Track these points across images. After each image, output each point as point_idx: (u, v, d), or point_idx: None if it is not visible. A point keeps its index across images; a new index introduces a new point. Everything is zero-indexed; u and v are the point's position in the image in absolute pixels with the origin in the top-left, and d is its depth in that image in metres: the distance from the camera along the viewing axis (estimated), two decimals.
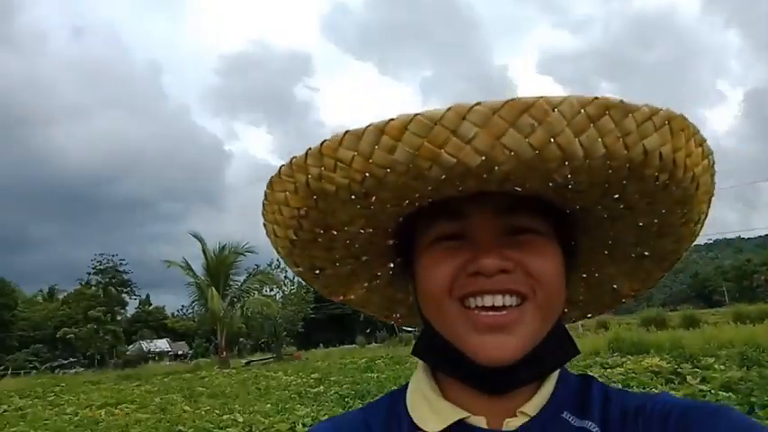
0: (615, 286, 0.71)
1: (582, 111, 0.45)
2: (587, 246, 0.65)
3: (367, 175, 0.50)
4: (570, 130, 0.45)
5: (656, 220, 0.58)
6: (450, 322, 0.57)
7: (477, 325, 0.55)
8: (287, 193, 0.56)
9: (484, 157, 0.45)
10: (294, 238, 0.62)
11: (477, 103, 0.45)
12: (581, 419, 0.58)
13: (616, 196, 0.54)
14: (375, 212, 0.57)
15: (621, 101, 0.46)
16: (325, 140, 0.51)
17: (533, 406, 0.58)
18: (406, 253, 0.64)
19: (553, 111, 0.45)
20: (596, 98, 0.46)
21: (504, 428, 0.58)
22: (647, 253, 0.64)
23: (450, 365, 0.60)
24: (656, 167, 0.49)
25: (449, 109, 0.45)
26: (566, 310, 0.70)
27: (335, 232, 0.61)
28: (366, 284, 0.72)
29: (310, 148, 0.52)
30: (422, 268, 0.60)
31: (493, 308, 0.54)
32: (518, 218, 0.57)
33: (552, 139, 0.45)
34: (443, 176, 0.48)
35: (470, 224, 0.57)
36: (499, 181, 0.49)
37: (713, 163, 0.55)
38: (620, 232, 0.61)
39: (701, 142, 0.52)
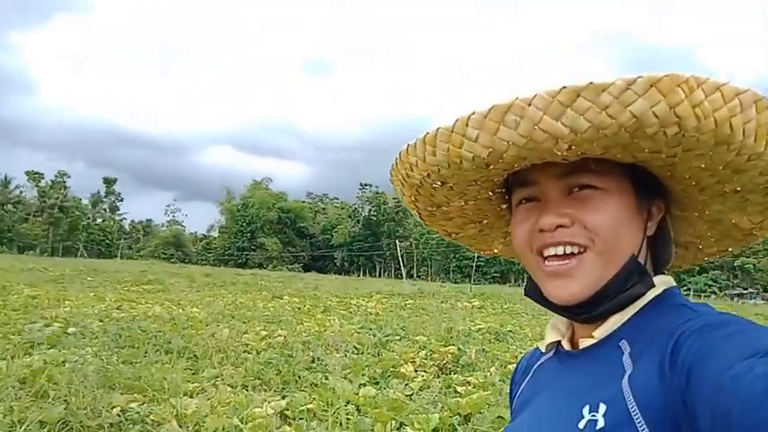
0: (734, 221, 0.74)
1: (554, 100, 0.54)
2: (678, 188, 0.71)
3: (429, 172, 0.69)
4: (549, 117, 0.55)
5: (710, 162, 0.61)
6: (533, 270, 0.72)
7: (545, 272, 0.68)
8: (399, 186, 0.79)
9: (490, 149, 0.60)
10: (418, 215, 0.84)
11: (473, 112, 0.59)
12: (631, 348, 0.63)
13: (646, 150, 0.60)
14: (461, 191, 0.75)
15: (591, 82, 0.53)
16: (401, 150, 0.71)
17: (600, 331, 0.68)
18: None
19: (529, 106, 0.55)
20: (564, 87, 0.54)
21: (576, 349, 0.72)
22: (738, 188, 0.67)
23: (545, 302, 0.72)
24: (657, 124, 0.54)
25: (456, 120, 0.61)
26: (700, 246, 0.82)
27: (444, 207, 0.81)
28: (503, 240, 0.91)
29: (397, 156, 0.73)
30: (511, 228, 0.75)
31: (556, 256, 0.67)
32: (578, 177, 0.66)
33: (536, 127, 0.56)
34: (474, 166, 0.64)
35: (540, 188, 0.69)
36: (515, 161, 0.62)
37: (755, 99, 0.55)
38: (693, 174, 0.66)
39: (717, 87, 0.53)
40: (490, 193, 0.78)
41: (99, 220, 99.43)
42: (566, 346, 0.75)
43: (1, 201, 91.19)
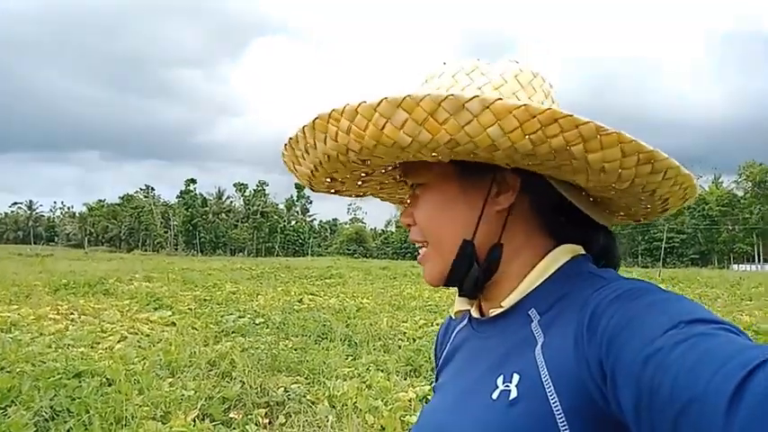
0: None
1: (304, 135, 0.66)
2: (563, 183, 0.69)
3: (317, 165, 0.70)
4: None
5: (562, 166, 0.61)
6: None
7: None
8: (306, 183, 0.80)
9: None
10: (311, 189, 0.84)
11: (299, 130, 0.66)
12: (540, 317, 0.64)
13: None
14: (354, 181, 0.79)
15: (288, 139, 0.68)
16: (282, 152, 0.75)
17: (508, 300, 0.69)
18: None
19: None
20: (307, 125, 0.64)
21: (484, 317, 0.75)
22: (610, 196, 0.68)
23: None
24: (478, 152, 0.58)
25: (285, 144, 0.72)
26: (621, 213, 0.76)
27: (343, 189, 0.82)
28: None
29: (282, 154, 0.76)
30: None
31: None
32: (410, 178, 0.73)
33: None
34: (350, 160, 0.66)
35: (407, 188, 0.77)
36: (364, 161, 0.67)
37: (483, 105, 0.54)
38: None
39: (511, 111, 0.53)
40: (382, 171, 0.80)
41: (293, 222, 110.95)
42: (474, 314, 0.77)
43: (216, 210, 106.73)
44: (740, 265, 58.63)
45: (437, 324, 8.69)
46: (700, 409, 0.39)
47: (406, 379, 5.60)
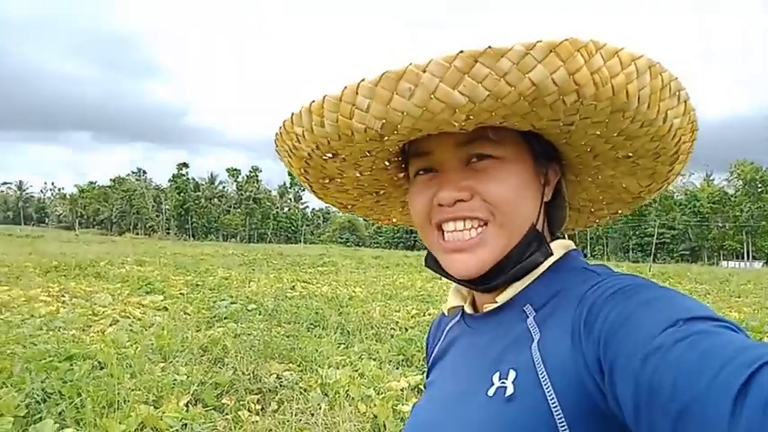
0: (624, 185, 0.75)
1: (451, 66, 0.50)
2: (573, 154, 0.69)
3: (318, 144, 0.63)
4: (446, 85, 0.51)
5: (605, 129, 0.60)
6: (431, 244, 0.70)
7: (445, 248, 0.67)
8: (286, 158, 0.73)
9: (384, 120, 0.55)
10: (309, 188, 0.80)
11: (362, 79, 0.54)
12: (536, 313, 0.63)
13: (544, 119, 0.57)
14: (355, 163, 0.70)
15: (489, 47, 0.49)
16: (285, 119, 0.66)
17: (504, 296, 0.67)
18: None
19: (423, 73, 0.51)
20: (461, 51, 0.50)
21: (478, 313, 0.73)
22: (630, 154, 0.66)
23: (444, 273, 0.71)
24: (556, 93, 0.52)
25: (345, 88, 0.56)
26: (592, 209, 0.83)
27: (338, 179, 0.76)
28: (400, 209, 0.89)
29: (281, 126, 0.67)
30: (408, 200, 0.71)
31: (456, 231, 0.65)
32: (476, 147, 0.64)
33: (432, 96, 0.52)
34: (367, 138, 0.59)
35: (436, 158, 0.66)
36: (411, 132, 0.58)
37: (649, 65, 0.54)
38: (589, 141, 0.65)
39: (615, 52, 0.52)
40: (386, 163, 0.74)
41: (285, 209, 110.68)
42: (468, 310, 0.76)
43: (208, 195, 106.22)
44: (729, 262, 59.48)
45: (429, 314, 8.73)
46: (702, 410, 0.38)
47: (398, 368, 5.62)
